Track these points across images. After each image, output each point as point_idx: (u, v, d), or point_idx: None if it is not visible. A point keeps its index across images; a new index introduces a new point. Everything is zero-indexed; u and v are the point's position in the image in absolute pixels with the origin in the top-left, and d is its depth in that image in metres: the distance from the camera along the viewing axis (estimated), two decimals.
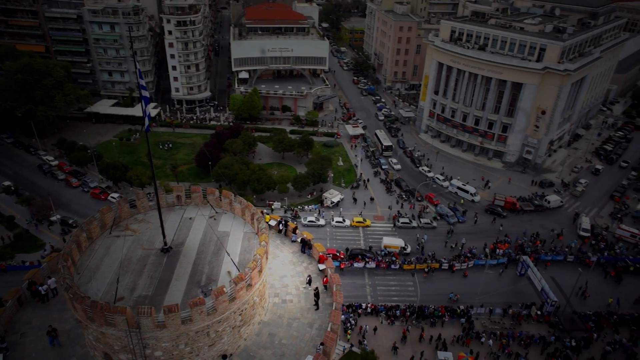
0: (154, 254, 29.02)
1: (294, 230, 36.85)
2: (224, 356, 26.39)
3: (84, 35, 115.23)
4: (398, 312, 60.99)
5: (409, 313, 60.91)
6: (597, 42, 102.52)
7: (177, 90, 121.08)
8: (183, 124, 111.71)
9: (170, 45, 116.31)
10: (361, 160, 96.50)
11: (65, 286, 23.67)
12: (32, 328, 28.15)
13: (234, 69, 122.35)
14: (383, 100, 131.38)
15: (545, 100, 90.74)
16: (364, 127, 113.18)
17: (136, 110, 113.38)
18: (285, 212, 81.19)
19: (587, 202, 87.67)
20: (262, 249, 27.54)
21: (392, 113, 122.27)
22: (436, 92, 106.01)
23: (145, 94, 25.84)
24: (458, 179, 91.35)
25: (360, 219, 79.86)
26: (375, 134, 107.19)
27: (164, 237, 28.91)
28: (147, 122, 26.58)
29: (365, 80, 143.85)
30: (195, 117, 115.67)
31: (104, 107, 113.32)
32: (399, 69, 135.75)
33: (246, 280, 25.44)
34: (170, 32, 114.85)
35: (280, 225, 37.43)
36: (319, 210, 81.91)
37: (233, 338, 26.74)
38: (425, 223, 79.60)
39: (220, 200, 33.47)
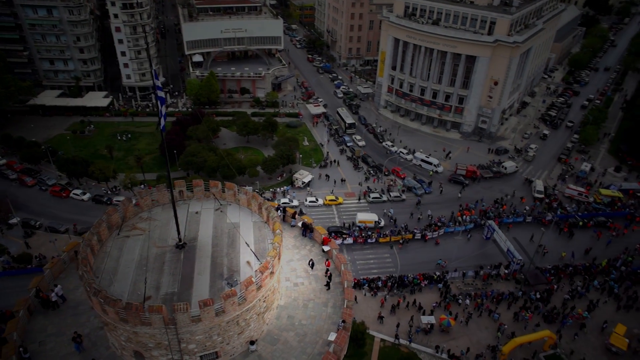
0: (169, 250, 29.12)
1: (293, 215, 37.86)
2: (252, 342, 27.46)
3: (17, 20, 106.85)
4: (380, 284, 64.03)
5: (390, 284, 64.10)
6: (539, 13, 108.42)
7: (128, 77, 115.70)
8: (139, 112, 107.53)
9: (117, 29, 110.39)
10: (328, 140, 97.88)
11: (94, 291, 23.54)
12: (49, 335, 27.66)
13: (186, 53, 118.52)
14: (340, 77, 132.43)
15: (497, 72, 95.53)
16: (325, 106, 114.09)
17: (86, 101, 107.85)
18: None
19: (538, 166, 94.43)
20: (278, 237, 28.47)
21: (351, 90, 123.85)
22: (393, 68, 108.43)
23: (161, 94, 25.50)
24: (421, 152, 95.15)
25: (333, 197, 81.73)
26: (337, 112, 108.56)
27: (179, 233, 29.05)
28: (162, 122, 26.32)
29: (320, 58, 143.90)
30: (151, 105, 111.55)
31: (49, 98, 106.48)
32: (353, 45, 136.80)
33: (270, 268, 26.40)
34: (116, 16, 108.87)
35: (279, 211, 38.26)
36: (284, 192, 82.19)
37: (258, 324, 27.77)
38: (395, 196, 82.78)
39: (224, 192, 33.75)
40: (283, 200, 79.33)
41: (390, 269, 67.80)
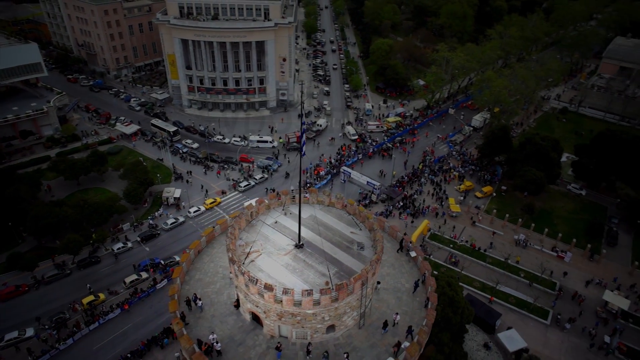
0: (296, 252, 33.96)
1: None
2: (378, 282, 36.33)
3: None
4: None
5: None
6: None
7: None
8: None
9: None
10: (182, 155, 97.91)
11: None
12: None
13: None
14: (122, 90, 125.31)
15: (282, 50, 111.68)
16: (131, 122, 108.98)
17: None
18: (133, 229, 78.24)
19: (338, 116, 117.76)
20: (367, 212, 37.21)
21: (145, 100, 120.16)
22: (189, 67, 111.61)
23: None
24: (251, 134, 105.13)
25: (211, 200, 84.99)
26: (153, 124, 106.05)
27: (300, 236, 34.31)
28: (304, 149, 31.04)
29: (84, 76, 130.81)
30: None
31: None
32: (119, 54, 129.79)
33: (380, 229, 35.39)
34: None
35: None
36: (154, 216, 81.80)
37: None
38: (260, 178, 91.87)
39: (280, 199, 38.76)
40: (169, 221, 78.86)
41: None
